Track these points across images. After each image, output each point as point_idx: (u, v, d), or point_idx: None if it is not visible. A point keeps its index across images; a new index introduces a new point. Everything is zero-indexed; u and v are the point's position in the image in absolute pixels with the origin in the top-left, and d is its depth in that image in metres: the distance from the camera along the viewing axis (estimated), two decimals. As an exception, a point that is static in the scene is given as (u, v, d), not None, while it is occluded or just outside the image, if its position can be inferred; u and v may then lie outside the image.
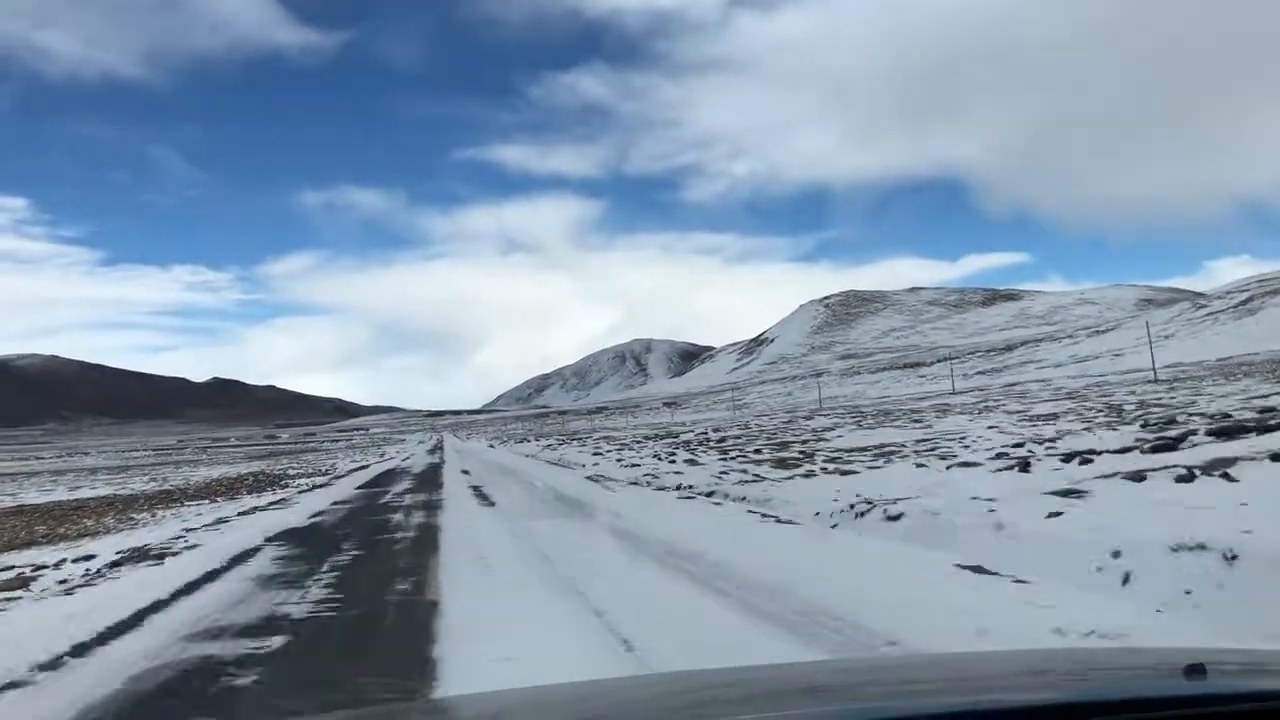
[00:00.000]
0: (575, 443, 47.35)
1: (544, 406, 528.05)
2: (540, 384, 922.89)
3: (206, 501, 24.94)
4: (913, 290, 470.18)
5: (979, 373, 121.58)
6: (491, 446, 58.16)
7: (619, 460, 28.54)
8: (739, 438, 36.35)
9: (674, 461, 24.68)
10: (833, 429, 36.47)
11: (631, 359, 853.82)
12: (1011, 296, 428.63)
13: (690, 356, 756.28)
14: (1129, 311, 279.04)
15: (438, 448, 64.39)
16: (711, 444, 33.87)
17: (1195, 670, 1.50)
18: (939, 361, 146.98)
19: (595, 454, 33.33)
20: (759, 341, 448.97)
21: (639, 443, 40.33)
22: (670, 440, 38.90)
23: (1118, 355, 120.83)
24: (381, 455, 55.91)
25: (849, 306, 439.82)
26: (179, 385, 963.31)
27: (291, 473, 37.94)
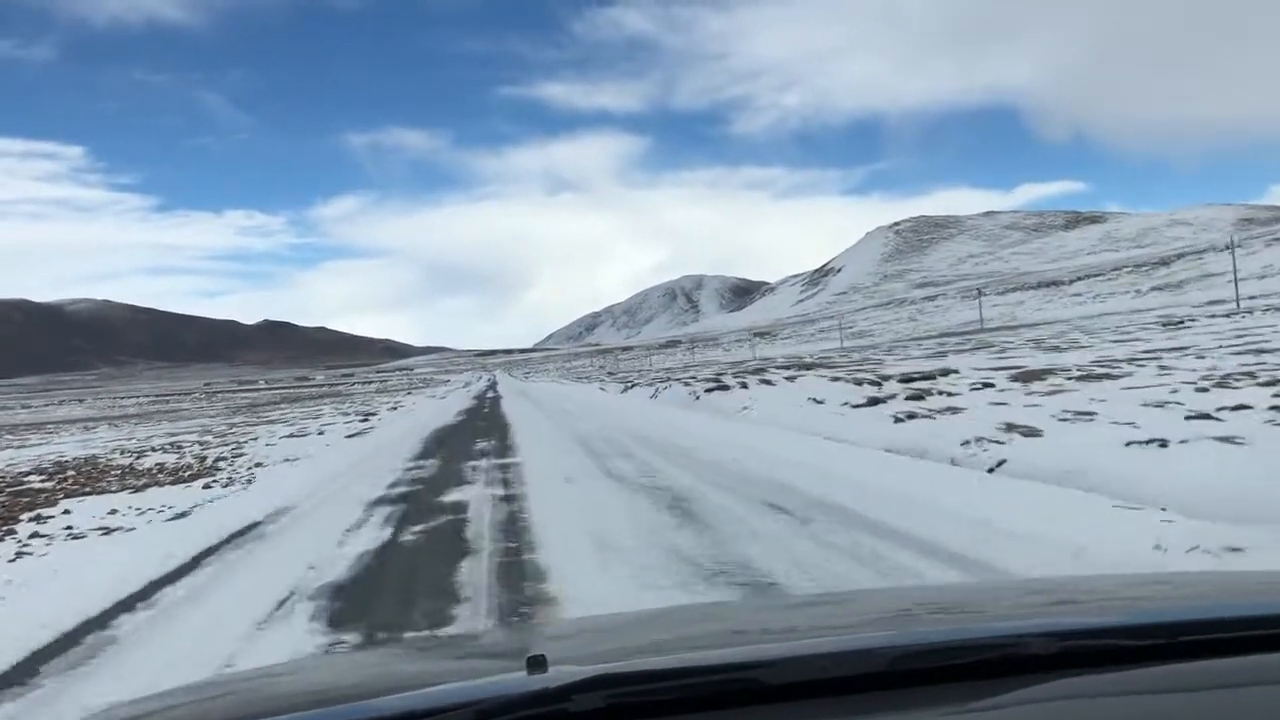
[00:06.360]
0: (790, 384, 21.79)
1: (595, 344, 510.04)
2: (591, 322, 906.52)
3: None
4: (988, 214, 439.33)
5: (1154, 289, 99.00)
6: (602, 388, 32.04)
7: None
8: None
9: None
10: None
11: (683, 295, 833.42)
12: (1095, 219, 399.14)
13: (743, 292, 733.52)
14: (1228, 231, 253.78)
15: (481, 407, 33.52)
16: None
17: None
18: (1078, 279, 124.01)
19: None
20: (824, 272, 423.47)
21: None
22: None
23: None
24: (365, 420, 27.64)
25: (920, 233, 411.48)
26: (231, 328, 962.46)
27: (143, 464, 17.76)
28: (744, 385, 22.62)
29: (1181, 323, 34.76)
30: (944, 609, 1.90)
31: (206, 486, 14.91)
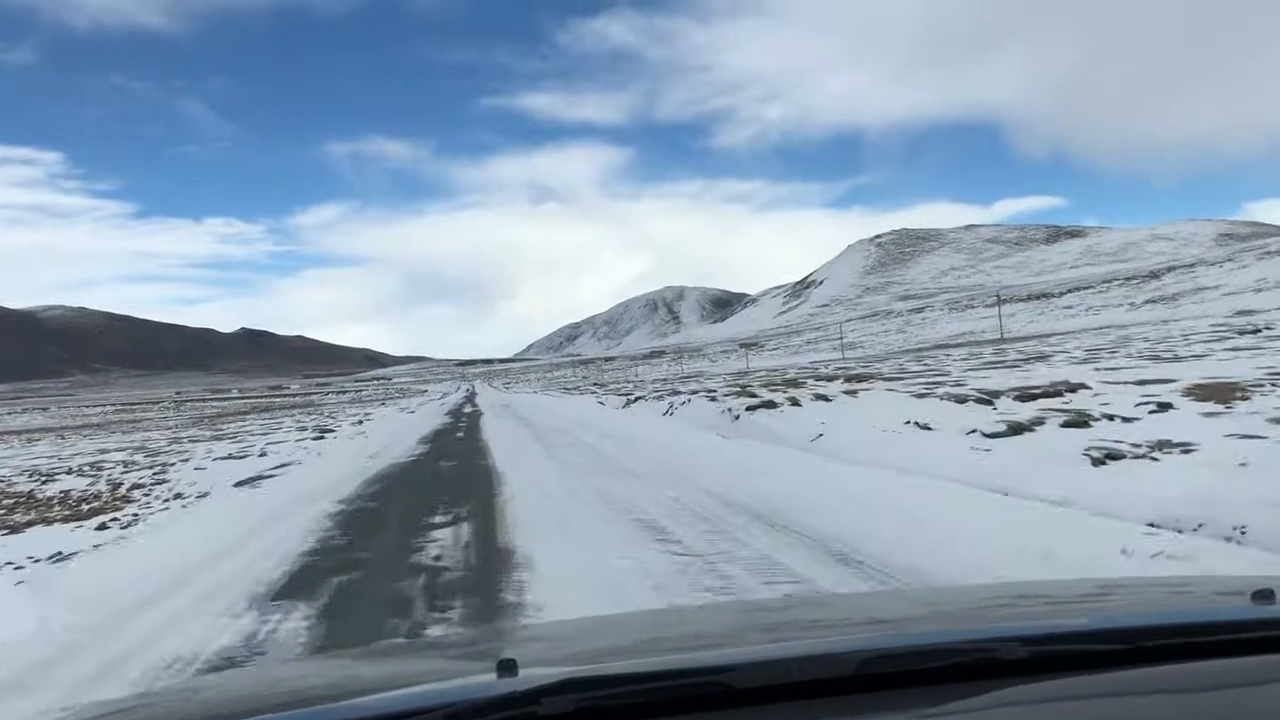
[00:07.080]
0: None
1: (576, 354, 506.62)
2: (571, 332, 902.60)
3: None
4: (969, 228, 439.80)
5: (1148, 302, 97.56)
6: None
7: None
8: None
9: None
10: None
11: (664, 306, 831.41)
12: (1076, 233, 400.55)
13: (723, 303, 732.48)
14: (1208, 246, 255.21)
15: (455, 428, 26.67)
16: None
17: (1264, 595, 1.39)
18: (1069, 292, 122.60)
19: None
20: (805, 284, 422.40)
21: None
22: None
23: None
24: (319, 438, 22.89)
25: (902, 245, 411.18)
26: (208, 336, 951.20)
27: (47, 491, 14.87)
28: (794, 402, 17.23)
29: (1259, 331, 32.80)
30: (913, 613, 1.89)
31: (102, 527, 12.09)
